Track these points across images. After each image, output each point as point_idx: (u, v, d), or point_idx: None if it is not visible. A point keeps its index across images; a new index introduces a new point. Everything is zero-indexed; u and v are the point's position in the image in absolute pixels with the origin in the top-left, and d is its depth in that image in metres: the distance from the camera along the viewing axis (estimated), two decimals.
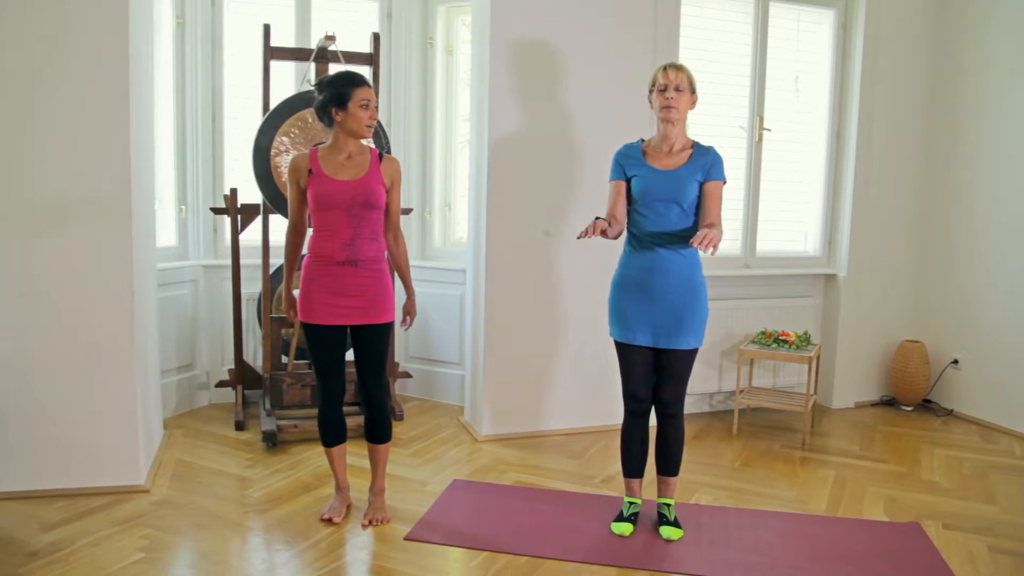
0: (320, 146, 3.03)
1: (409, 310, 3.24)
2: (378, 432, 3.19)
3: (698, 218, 3.00)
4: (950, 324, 4.91)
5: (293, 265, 3.16)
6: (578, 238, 2.90)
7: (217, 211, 4.25)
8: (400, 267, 3.24)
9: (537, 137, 4.13)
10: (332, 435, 3.18)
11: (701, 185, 2.97)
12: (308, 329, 3.04)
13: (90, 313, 3.29)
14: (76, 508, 3.19)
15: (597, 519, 3.25)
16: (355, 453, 3.92)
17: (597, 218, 2.88)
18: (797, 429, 4.52)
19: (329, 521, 3.15)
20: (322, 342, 3.04)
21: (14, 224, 3.19)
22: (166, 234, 4.47)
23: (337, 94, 2.92)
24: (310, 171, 2.95)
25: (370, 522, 3.15)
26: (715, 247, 2.70)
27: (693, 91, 2.99)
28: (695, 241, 2.69)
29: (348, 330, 3.07)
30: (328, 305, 2.99)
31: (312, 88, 3.10)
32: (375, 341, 3.10)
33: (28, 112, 3.15)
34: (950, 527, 3.29)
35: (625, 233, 3.10)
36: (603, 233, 2.85)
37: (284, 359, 4.48)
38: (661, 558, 2.95)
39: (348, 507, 3.27)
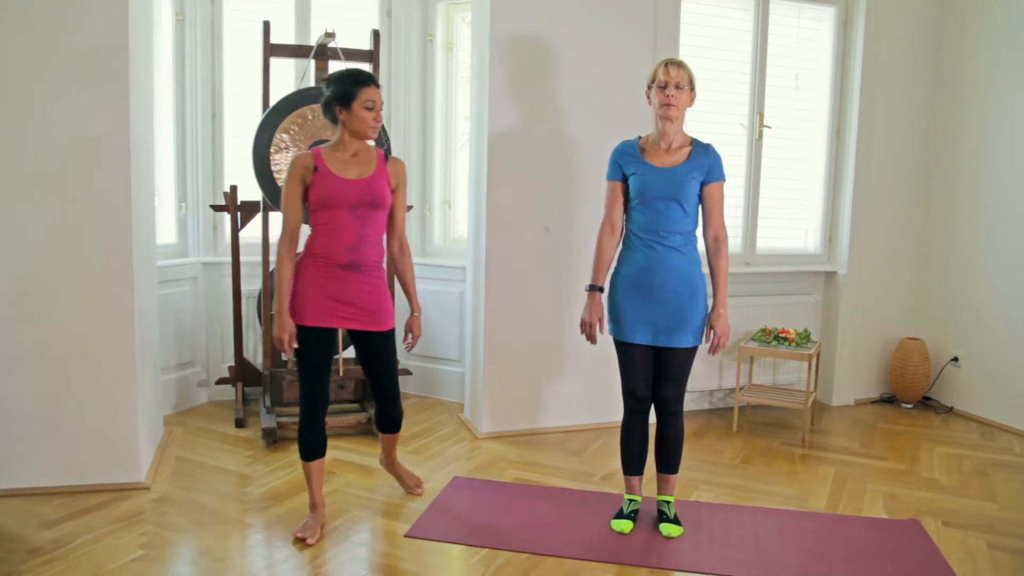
0: (323, 144, 2.96)
1: (412, 328, 3.14)
2: (394, 425, 3.27)
3: (696, 211, 3.01)
4: (950, 321, 4.91)
5: (290, 285, 2.90)
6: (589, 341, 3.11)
7: (217, 208, 4.25)
8: (405, 279, 3.13)
9: (537, 134, 4.13)
10: (314, 447, 3.00)
11: (702, 186, 2.98)
12: (301, 331, 2.92)
13: (90, 310, 3.29)
14: (77, 505, 3.20)
15: (597, 516, 3.25)
16: (356, 451, 3.94)
17: (588, 287, 3.09)
18: (797, 426, 4.52)
19: (303, 541, 2.94)
20: (315, 345, 2.94)
21: (14, 221, 3.19)
22: (166, 231, 4.47)
23: (342, 92, 2.84)
24: (315, 169, 2.85)
25: (418, 487, 3.41)
26: (725, 345, 3.01)
27: (693, 88, 2.98)
28: (709, 344, 3.00)
29: (339, 333, 2.97)
30: (325, 308, 2.90)
31: (322, 84, 3.00)
32: (384, 348, 3.05)
33: (28, 109, 3.15)
34: (950, 524, 3.29)
35: (624, 231, 3.10)
36: (600, 320, 3.08)
37: (284, 356, 4.48)
38: (661, 555, 2.95)
39: (322, 527, 3.06)
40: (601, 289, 3.09)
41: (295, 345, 2.89)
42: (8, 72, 3.12)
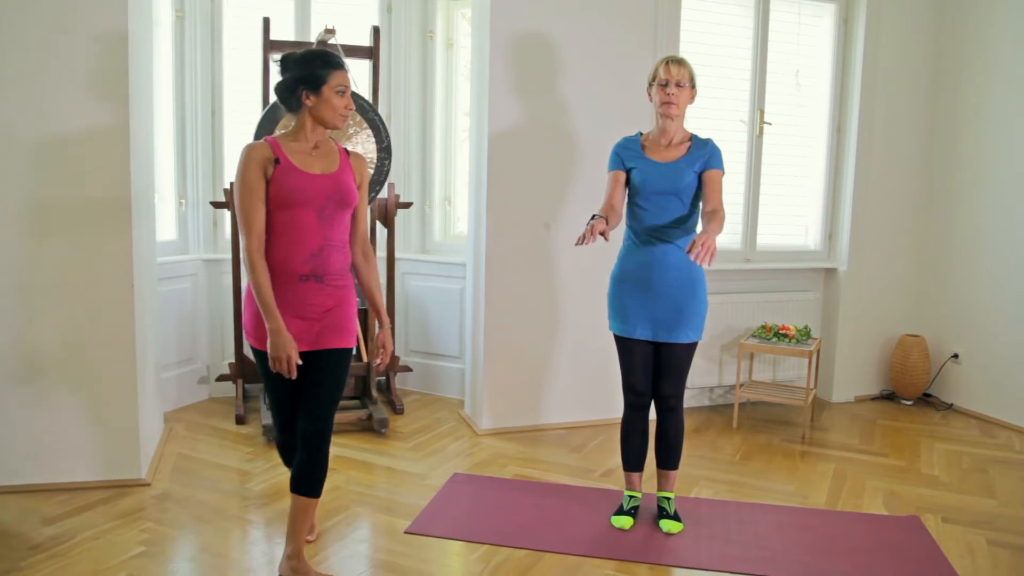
0: (279, 135, 2.56)
1: (385, 343, 2.71)
2: (314, 478, 2.57)
3: (695, 207, 3.00)
4: (950, 318, 4.91)
5: (272, 296, 2.47)
6: (576, 245, 2.75)
7: (217, 205, 4.25)
8: (371, 290, 2.72)
9: (537, 131, 4.12)
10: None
11: (699, 175, 2.97)
12: (261, 358, 2.54)
13: (90, 307, 3.29)
14: (77, 502, 3.20)
15: (597, 512, 3.25)
16: (355, 447, 3.94)
17: (593, 216, 2.82)
18: (797, 423, 4.53)
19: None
20: (277, 373, 2.51)
21: (14, 217, 3.19)
22: (166, 228, 4.46)
23: (311, 76, 2.46)
24: (276, 161, 2.46)
25: None
26: (712, 255, 2.58)
27: (693, 86, 2.98)
28: (691, 252, 2.58)
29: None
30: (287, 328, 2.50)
31: (276, 63, 2.58)
32: (332, 368, 2.58)
33: (28, 106, 3.14)
34: (949, 521, 3.29)
35: (624, 227, 3.10)
36: (602, 234, 2.74)
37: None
38: (661, 551, 2.95)
39: (314, 525, 2.94)
40: (606, 219, 2.84)
41: (299, 362, 2.48)
42: (8, 69, 3.11)
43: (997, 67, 4.60)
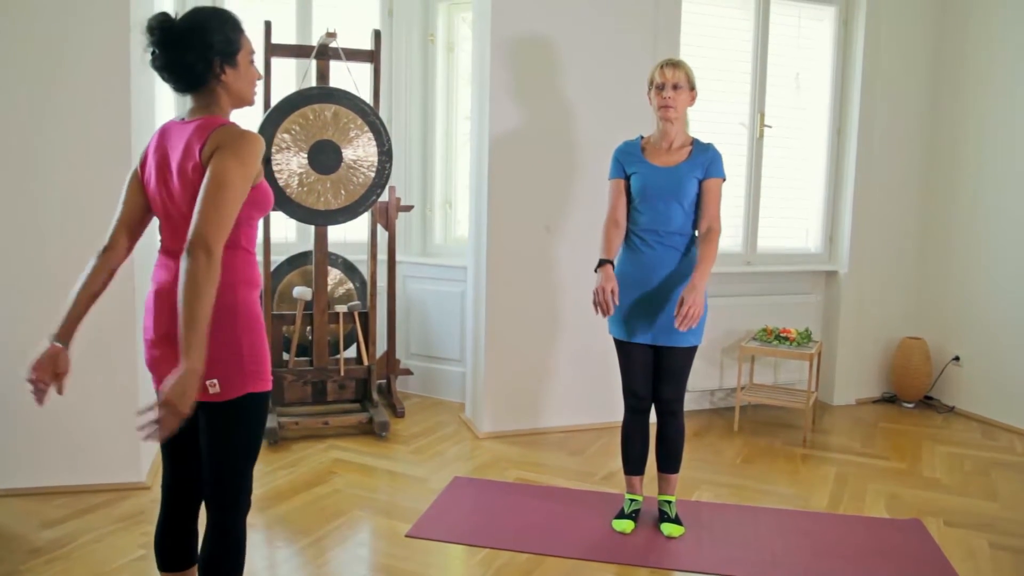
0: (228, 124, 1.90)
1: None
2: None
3: (697, 212, 2.99)
4: (951, 321, 4.90)
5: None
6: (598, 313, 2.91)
7: None
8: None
9: (538, 134, 4.13)
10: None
11: (700, 183, 2.97)
12: (266, 400, 2.04)
13: (92, 309, 3.28)
14: (77, 505, 3.20)
15: (598, 516, 3.25)
16: (356, 451, 3.93)
17: (600, 262, 2.92)
18: (798, 426, 4.52)
19: None
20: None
21: (16, 219, 3.19)
22: None
23: (225, 41, 1.87)
24: (267, 161, 2.07)
25: None
26: (697, 318, 2.76)
27: (692, 88, 2.98)
28: (676, 318, 2.76)
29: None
30: None
31: (147, 30, 1.86)
32: (210, 425, 2.05)
33: (31, 108, 3.15)
34: (951, 524, 3.28)
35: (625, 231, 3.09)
36: (613, 292, 2.86)
37: (285, 356, 4.48)
38: (662, 555, 2.95)
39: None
40: (612, 263, 2.95)
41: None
42: (10, 71, 3.12)
43: (997, 69, 4.60)
